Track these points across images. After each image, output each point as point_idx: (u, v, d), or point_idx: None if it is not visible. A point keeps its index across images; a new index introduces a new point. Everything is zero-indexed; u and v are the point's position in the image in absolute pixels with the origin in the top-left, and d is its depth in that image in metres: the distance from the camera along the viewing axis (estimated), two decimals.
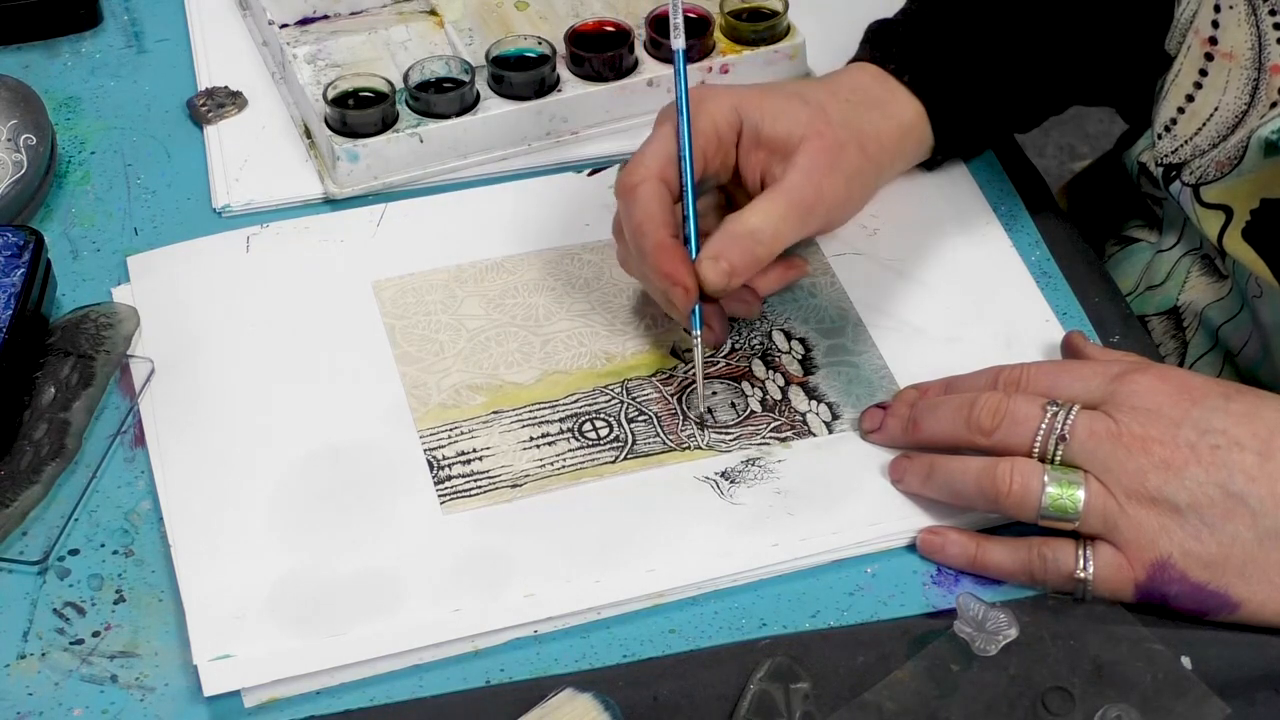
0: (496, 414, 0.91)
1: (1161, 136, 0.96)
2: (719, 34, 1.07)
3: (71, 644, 0.81)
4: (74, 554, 0.85)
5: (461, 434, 0.90)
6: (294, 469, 0.88)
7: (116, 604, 0.83)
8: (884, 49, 0.98)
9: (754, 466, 0.88)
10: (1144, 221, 1.08)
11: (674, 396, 0.92)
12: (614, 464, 0.88)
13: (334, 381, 0.92)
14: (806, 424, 0.90)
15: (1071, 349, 0.91)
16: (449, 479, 0.88)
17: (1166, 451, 0.80)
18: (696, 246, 0.89)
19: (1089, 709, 0.77)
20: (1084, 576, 0.81)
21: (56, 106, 1.07)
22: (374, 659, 0.80)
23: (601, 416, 0.91)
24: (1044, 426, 0.82)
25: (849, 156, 0.92)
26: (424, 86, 1.03)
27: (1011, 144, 1.07)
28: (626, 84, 1.05)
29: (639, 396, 0.92)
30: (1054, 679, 0.78)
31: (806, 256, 0.98)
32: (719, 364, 0.93)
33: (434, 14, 1.11)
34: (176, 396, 0.91)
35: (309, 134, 1.05)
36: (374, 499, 0.87)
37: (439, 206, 1.02)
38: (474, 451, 0.89)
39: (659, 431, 0.90)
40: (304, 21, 1.11)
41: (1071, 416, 0.82)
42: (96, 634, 0.82)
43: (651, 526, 0.85)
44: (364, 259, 0.99)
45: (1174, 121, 0.95)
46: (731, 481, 0.88)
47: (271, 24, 1.09)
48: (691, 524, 0.86)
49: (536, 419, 0.91)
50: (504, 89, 1.04)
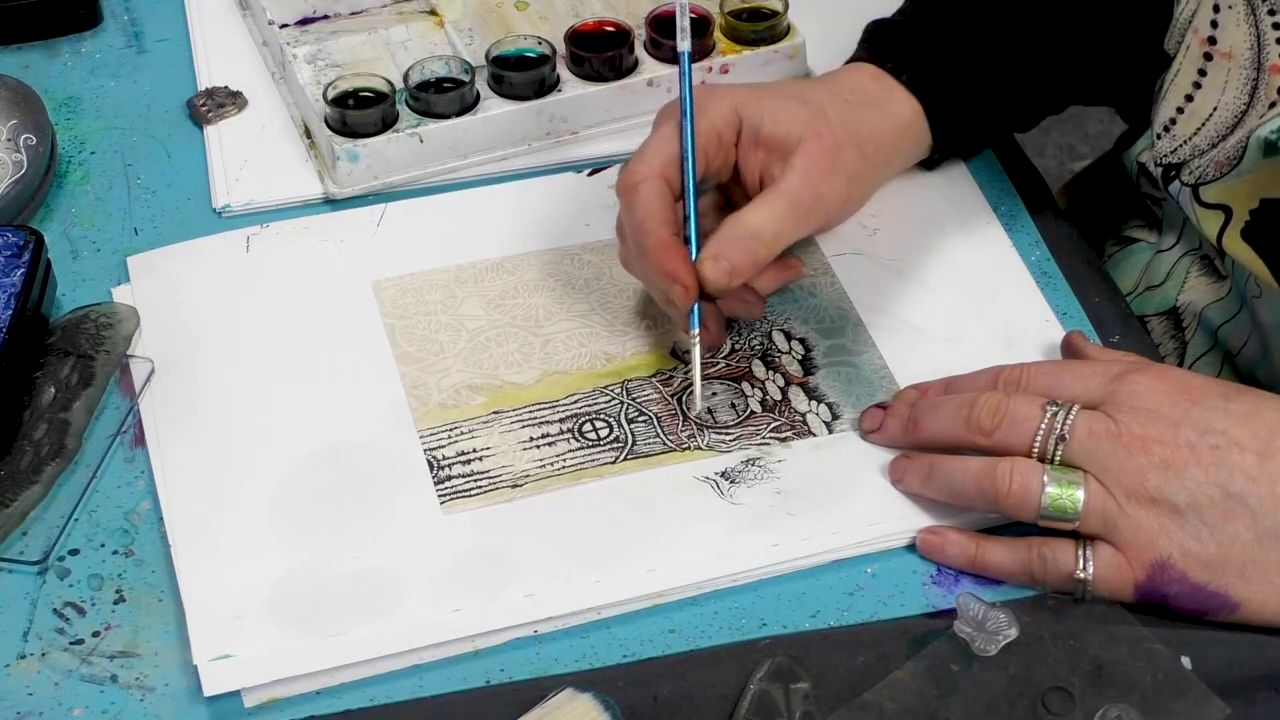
0: (496, 414, 0.91)
1: (1161, 136, 0.96)
2: (719, 34, 1.07)
3: (71, 644, 0.81)
4: (74, 554, 0.85)
5: (461, 434, 0.90)
6: (294, 469, 0.88)
7: (116, 604, 0.83)
8: (882, 48, 0.98)
9: (754, 466, 0.88)
10: (1143, 222, 1.08)
11: (674, 397, 0.92)
12: (614, 464, 0.88)
13: (334, 381, 0.92)
14: (806, 424, 0.90)
15: (1071, 349, 0.91)
16: (449, 479, 0.88)
17: (1166, 452, 0.80)
18: (697, 246, 0.89)
19: (1089, 709, 0.77)
20: (1084, 577, 0.81)
21: (56, 106, 1.07)
22: (374, 659, 0.80)
23: (601, 417, 0.91)
24: (1044, 426, 0.82)
25: (848, 157, 0.92)
26: (424, 86, 1.03)
27: (1011, 144, 1.07)
28: (626, 84, 1.05)
29: (639, 397, 0.92)
30: (1054, 679, 0.78)
31: (807, 256, 0.98)
32: (719, 364, 0.93)
33: (434, 14, 1.11)
34: (176, 396, 0.91)
35: (309, 134, 1.05)
36: (374, 499, 0.87)
37: (439, 206, 1.02)
38: (474, 451, 0.89)
39: (659, 432, 0.90)
40: (304, 21, 1.11)
41: (1071, 416, 0.82)
42: (96, 634, 0.82)
43: (651, 526, 0.85)
44: (364, 259, 0.99)
45: (1173, 121, 0.95)
46: (731, 481, 0.88)
47: (271, 24, 1.09)
48: (691, 524, 0.86)
49: (536, 419, 0.91)
50: (504, 89, 1.04)
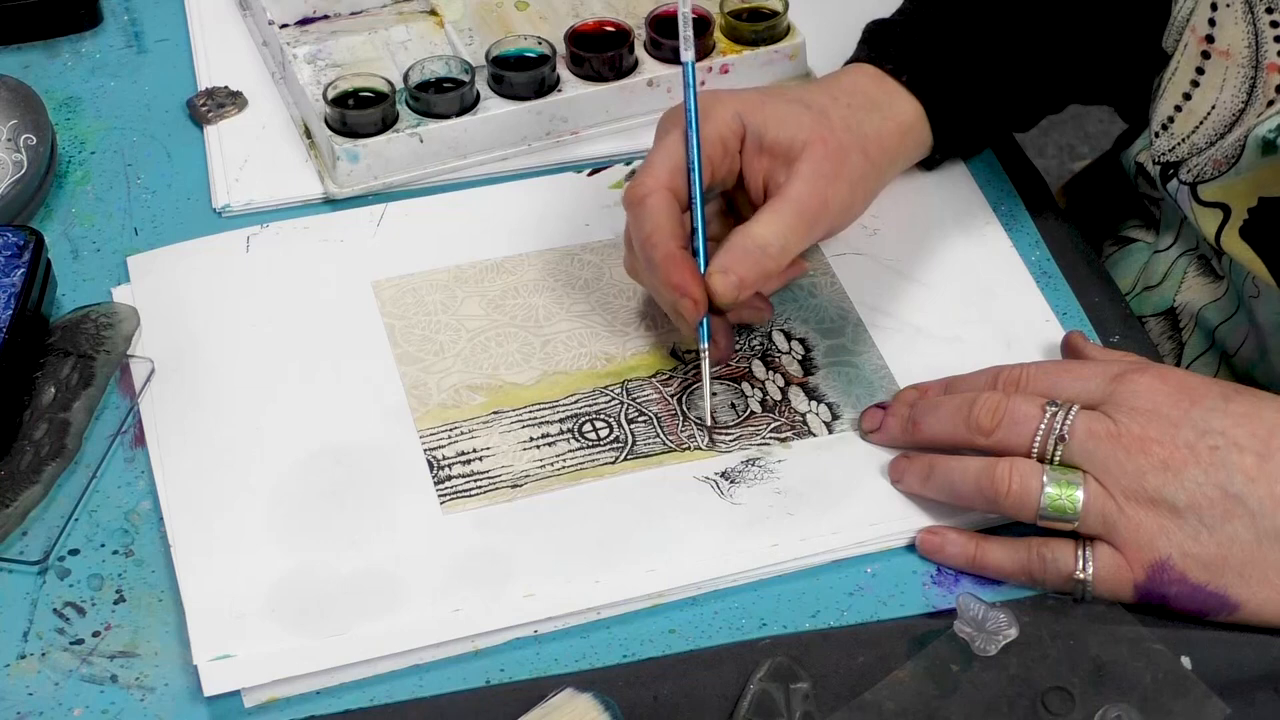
0: (496, 414, 0.91)
1: (1159, 135, 0.96)
2: (719, 34, 1.07)
3: (71, 644, 0.81)
4: (74, 554, 0.85)
5: (461, 434, 0.90)
6: (294, 469, 0.88)
7: (116, 604, 0.83)
8: (881, 49, 0.98)
9: (754, 467, 0.88)
10: (1141, 222, 1.08)
11: (674, 397, 0.92)
12: (614, 464, 0.88)
13: (334, 381, 0.92)
14: (806, 424, 0.90)
15: (1071, 349, 0.91)
16: (449, 479, 0.88)
17: (1165, 452, 0.80)
18: (706, 259, 0.89)
19: (1089, 709, 0.77)
20: (1083, 577, 0.81)
21: (56, 106, 1.07)
22: (374, 659, 0.80)
23: (601, 417, 0.91)
24: (1043, 427, 0.82)
25: (852, 161, 0.92)
26: (424, 86, 1.03)
27: (1011, 144, 1.07)
28: (626, 84, 1.05)
29: (639, 397, 0.92)
30: (1054, 679, 0.78)
31: (807, 256, 0.98)
32: (719, 365, 0.93)
33: (434, 14, 1.11)
34: (176, 396, 0.91)
35: (309, 134, 1.05)
36: (374, 499, 0.87)
37: (439, 206, 1.02)
38: (474, 452, 0.89)
39: (659, 432, 0.90)
40: (304, 21, 1.11)
41: (1071, 417, 0.82)
42: (96, 634, 0.82)
43: (651, 526, 0.85)
44: (364, 259, 0.99)
45: (1171, 120, 0.95)
46: (731, 481, 0.88)
47: (271, 24, 1.09)
48: (691, 524, 0.86)
49: (536, 419, 0.91)
50: (504, 89, 1.04)
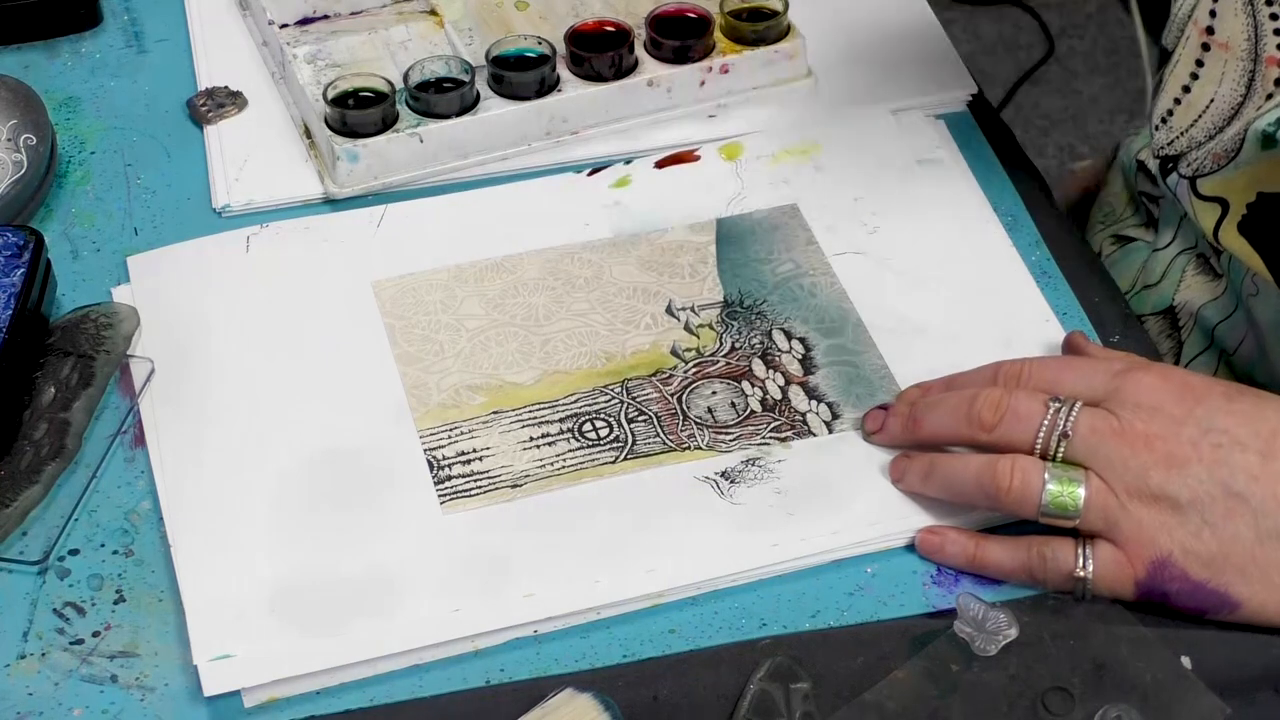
0: (496, 414, 0.91)
1: (1158, 128, 0.96)
2: (719, 34, 1.07)
3: (71, 644, 0.81)
4: (74, 554, 0.85)
5: (461, 434, 0.90)
6: (294, 469, 0.88)
7: (116, 604, 0.83)
8: None
9: (754, 466, 0.88)
10: (1140, 220, 1.08)
11: (674, 396, 0.92)
12: (614, 464, 0.88)
13: (334, 382, 0.92)
14: (806, 424, 0.90)
15: (1072, 349, 0.91)
16: (449, 479, 0.88)
17: (1169, 448, 0.80)
18: None
19: (1089, 709, 0.77)
20: (1084, 575, 0.81)
21: (56, 106, 1.07)
22: (374, 659, 0.80)
23: (601, 416, 0.91)
24: (1046, 423, 0.82)
25: None
26: (424, 86, 1.03)
27: (1012, 144, 1.07)
28: (626, 84, 1.05)
29: (639, 396, 0.92)
30: (1054, 679, 0.78)
31: (807, 256, 0.98)
32: (719, 364, 0.93)
33: (434, 14, 1.11)
34: (176, 396, 0.91)
35: (309, 134, 1.05)
36: (374, 499, 0.87)
37: (439, 206, 1.02)
38: (474, 451, 0.89)
39: (659, 431, 0.90)
40: (304, 21, 1.11)
41: (1074, 413, 0.82)
42: (96, 634, 0.82)
43: (651, 526, 0.85)
44: (364, 259, 0.98)
45: (1170, 113, 0.95)
46: (731, 481, 0.87)
47: (271, 24, 1.09)
48: (691, 524, 0.85)
49: (536, 419, 0.90)
50: (504, 89, 1.04)
